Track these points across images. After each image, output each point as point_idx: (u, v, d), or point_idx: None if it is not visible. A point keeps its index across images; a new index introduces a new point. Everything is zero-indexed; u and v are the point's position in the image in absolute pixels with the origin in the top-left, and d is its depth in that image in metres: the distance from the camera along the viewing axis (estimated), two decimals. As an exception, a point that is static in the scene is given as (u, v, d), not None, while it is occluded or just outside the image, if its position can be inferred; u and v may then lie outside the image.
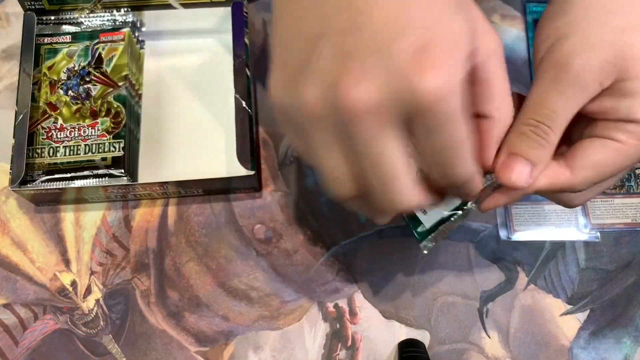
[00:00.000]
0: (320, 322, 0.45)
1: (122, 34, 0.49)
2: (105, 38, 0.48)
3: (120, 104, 0.46)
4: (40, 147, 0.45)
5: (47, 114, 0.46)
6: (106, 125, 0.46)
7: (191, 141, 0.48)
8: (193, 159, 0.48)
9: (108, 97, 0.47)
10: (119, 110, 0.46)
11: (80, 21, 0.49)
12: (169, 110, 0.49)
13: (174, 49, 0.51)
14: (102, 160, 0.45)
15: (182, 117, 0.49)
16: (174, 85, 0.50)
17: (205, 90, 0.50)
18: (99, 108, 0.46)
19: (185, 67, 0.51)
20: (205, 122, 0.49)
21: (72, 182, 0.44)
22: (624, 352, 0.44)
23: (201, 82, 0.50)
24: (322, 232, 0.47)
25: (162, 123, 0.49)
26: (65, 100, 0.46)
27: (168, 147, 0.48)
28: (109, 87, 0.47)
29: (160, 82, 0.50)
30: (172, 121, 0.49)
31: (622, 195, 0.48)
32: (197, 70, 0.51)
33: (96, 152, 0.45)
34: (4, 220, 0.48)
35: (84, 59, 0.48)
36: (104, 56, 0.48)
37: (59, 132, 0.46)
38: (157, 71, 0.50)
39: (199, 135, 0.49)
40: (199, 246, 0.47)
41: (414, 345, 0.43)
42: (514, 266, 0.46)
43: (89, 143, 0.45)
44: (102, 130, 0.46)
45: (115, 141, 0.45)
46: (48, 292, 0.46)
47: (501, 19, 0.53)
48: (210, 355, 0.44)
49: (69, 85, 0.47)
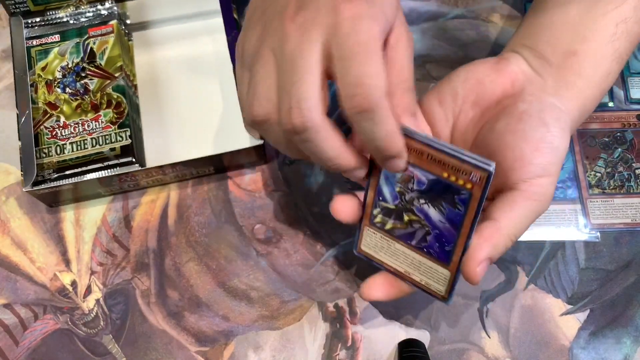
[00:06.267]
0: (320, 322, 0.45)
1: (111, 26, 0.49)
2: (94, 32, 0.49)
3: (119, 94, 0.47)
4: (47, 147, 0.45)
5: (49, 114, 0.46)
6: (109, 116, 0.46)
7: (194, 123, 0.49)
8: (199, 139, 0.48)
9: (107, 89, 0.47)
10: (120, 100, 0.47)
11: (67, 20, 0.49)
12: (166, 97, 0.50)
13: (163, 37, 0.52)
14: (111, 150, 0.45)
15: (182, 101, 0.50)
16: (168, 72, 0.51)
17: (200, 71, 0.50)
18: (99, 101, 0.47)
19: (177, 53, 0.51)
20: (205, 102, 0.49)
21: (85, 177, 0.45)
22: (624, 352, 0.44)
23: (195, 64, 0.51)
24: (322, 232, 0.47)
25: (162, 110, 0.49)
26: (64, 98, 0.47)
27: (172, 133, 0.49)
28: (106, 80, 0.47)
29: (154, 70, 0.51)
30: (171, 107, 0.50)
31: (622, 195, 0.48)
32: (189, 54, 0.51)
33: (103, 143, 0.45)
34: (4, 220, 0.48)
35: (76, 56, 0.48)
36: (96, 50, 0.48)
37: (63, 130, 0.46)
38: (148, 61, 0.51)
39: (201, 115, 0.49)
40: (199, 246, 0.47)
41: (414, 345, 0.43)
42: (514, 266, 0.46)
43: (95, 136, 0.46)
44: (106, 122, 0.46)
45: (121, 130, 0.46)
46: (48, 292, 0.46)
47: (501, 19, 0.53)
48: (210, 355, 0.44)
49: (66, 83, 0.47)
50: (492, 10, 0.54)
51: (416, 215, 0.33)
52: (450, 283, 0.34)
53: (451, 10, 0.54)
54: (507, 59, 0.37)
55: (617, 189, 0.48)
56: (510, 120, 0.35)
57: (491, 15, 0.53)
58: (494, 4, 0.54)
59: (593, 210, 0.47)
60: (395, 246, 0.35)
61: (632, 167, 0.48)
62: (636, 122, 0.50)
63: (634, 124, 0.50)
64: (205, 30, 0.52)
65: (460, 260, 0.33)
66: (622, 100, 0.51)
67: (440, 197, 0.32)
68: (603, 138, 0.49)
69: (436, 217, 0.33)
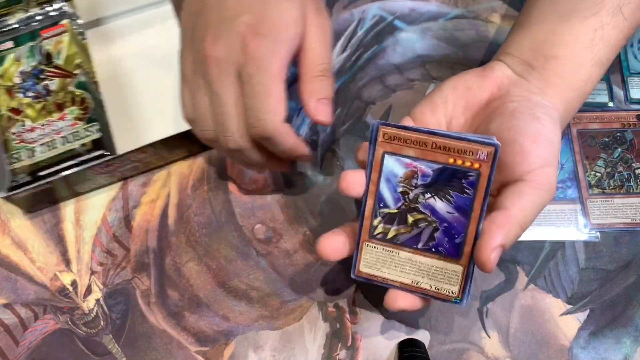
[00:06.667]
0: (320, 322, 0.45)
1: (63, 25, 0.50)
2: (47, 34, 0.49)
3: (82, 90, 0.47)
4: (17, 152, 0.45)
5: (13, 120, 0.46)
6: (75, 113, 0.47)
7: (161, 111, 0.49)
8: (168, 125, 0.49)
9: (69, 88, 0.47)
10: (83, 96, 0.47)
11: (17, 26, 0.50)
12: (129, 90, 0.50)
13: (117, 32, 0.53)
14: (82, 146, 0.45)
15: (145, 92, 0.50)
16: (127, 65, 0.51)
17: (158, 60, 0.51)
18: (63, 100, 0.47)
19: (133, 45, 0.52)
20: (167, 89, 0.50)
21: (59, 175, 0.45)
22: (624, 352, 0.44)
23: (153, 53, 0.51)
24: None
25: (127, 104, 0.50)
26: (27, 102, 0.47)
27: (139, 124, 0.49)
28: (67, 78, 0.48)
29: (113, 66, 0.51)
30: (135, 99, 0.50)
31: (622, 195, 0.48)
32: (145, 44, 0.52)
33: (74, 140, 0.46)
34: (4, 220, 0.48)
35: (32, 59, 0.48)
36: (52, 51, 0.49)
37: (31, 133, 0.46)
38: (106, 57, 0.52)
39: (165, 103, 0.50)
40: (199, 246, 0.47)
41: (414, 345, 0.43)
42: (514, 266, 0.46)
43: (64, 134, 0.46)
44: (72, 119, 0.46)
45: (89, 125, 0.46)
46: (48, 292, 0.46)
47: (501, 19, 0.53)
48: (210, 355, 0.44)
49: (26, 87, 0.47)
50: (492, 10, 0.54)
51: (422, 213, 0.34)
52: (463, 279, 0.34)
53: (451, 10, 0.54)
54: (491, 67, 0.39)
55: (617, 189, 0.48)
56: (503, 119, 0.36)
57: (491, 15, 0.53)
58: (494, 4, 0.54)
59: (593, 210, 0.47)
60: (400, 256, 0.35)
61: (632, 167, 0.48)
62: (636, 122, 0.50)
63: (634, 124, 0.50)
64: (159, 19, 0.53)
65: (473, 249, 0.33)
66: (622, 100, 0.51)
67: (447, 185, 0.33)
68: (603, 138, 0.49)
69: (444, 209, 0.33)
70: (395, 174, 0.34)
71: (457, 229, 0.33)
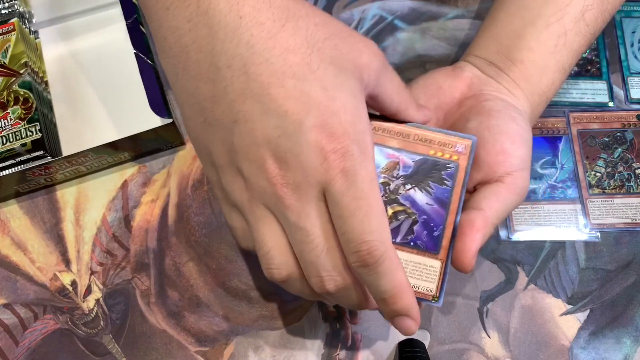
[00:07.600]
0: (320, 322, 0.45)
1: (11, 24, 0.50)
2: None
3: (26, 90, 0.47)
4: None
5: None
6: (17, 113, 0.46)
7: (108, 112, 0.50)
8: (115, 127, 0.49)
9: (12, 87, 0.47)
10: (27, 96, 0.47)
11: None
12: (79, 90, 0.51)
13: (69, 31, 0.53)
14: (22, 146, 0.45)
15: (95, 92, 0.51)
16: (79, 64, 0.52)
17: (109, 60, 0.52)
18: (5, 99, 0.47)
19: (85, 45, 0.52)
20: (118, 90, 0.51)
21: None
22: (624, 352, 0.44)
23: (103, 54, 0.52)
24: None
25: (76, 103, 0.50)
26: None
27: (87, 124, 0.50)
28: (11, 77, 0.47)
29: (64, 65, 0.52)
30: (85, 98, 0.51)
31: (622, 195, 0.48)
32: (97, 44, 0.53)
33: (14, 140, 0.45)
34: (4, 220, 0.48)
35: None
36: None
37: None
38: (58, 56, 0.52)
39: (114, 103, 0.50)
40: (199, 246, 0.47)
41: (414, 345, 0.43)
42: (514, 266, 0.46)
43: (5, 134, 0.46)
44: (14, 119, 0.46)
45: (31, 125, 0.46)
46: (48, 292, 0.46)
47: (501, 19, 0.53)
48: (210, 355, 0.44)
49: None
50: (492, 10, 0.54)
51: (401, 205, 0.34)
52: (441, 276, 0.34)
53: (451, 10, 0.54)
54: (460, 67, 0.40)
55: (617, 189, 0.48)
56: (482, 118, 0.36)
57: (491, 15, 0.53)
58: (494, 4, 0.54)
59: (593, 210, 0.47)
60: None
61: (632, 167, 0.48)
62: (636, 122, 0.50)
63: (634, 124, 0.50)
64: (110, 20, 0.53)
65: (451, 244, 0.33)
66: (622, 100, 0.51)
67: (427, 177, 0.34)
68: (603, 138, 0.49)
69: (423, 200, 0.34)
70: (377, 164, 0.34)
71: (435, 221, 0.34)
